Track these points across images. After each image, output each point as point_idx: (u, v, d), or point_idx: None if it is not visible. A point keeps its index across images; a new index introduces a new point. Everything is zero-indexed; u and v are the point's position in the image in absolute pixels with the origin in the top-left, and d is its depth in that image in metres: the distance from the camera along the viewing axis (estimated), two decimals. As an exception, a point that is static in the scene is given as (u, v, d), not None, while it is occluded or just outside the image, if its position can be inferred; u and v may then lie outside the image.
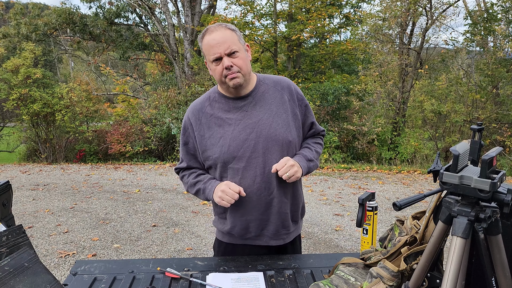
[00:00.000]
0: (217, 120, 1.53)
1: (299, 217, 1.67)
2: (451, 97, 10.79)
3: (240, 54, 1.45)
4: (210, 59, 1.44)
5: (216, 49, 1.41)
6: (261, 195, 1.50)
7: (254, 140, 1.49)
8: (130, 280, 1.39)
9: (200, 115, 1.55)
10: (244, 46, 1.49)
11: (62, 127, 11.25)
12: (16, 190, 6.62)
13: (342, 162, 9.43)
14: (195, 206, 5.52)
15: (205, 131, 1.53)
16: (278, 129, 1.51)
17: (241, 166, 1.49)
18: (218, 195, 1.46)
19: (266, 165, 1.49)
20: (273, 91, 1.56)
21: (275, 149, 1.50)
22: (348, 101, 10.76)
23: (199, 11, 13.31)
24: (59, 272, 3.46)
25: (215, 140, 1.51)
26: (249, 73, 1.51)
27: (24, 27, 14.01)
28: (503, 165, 8.52)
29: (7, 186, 1.26)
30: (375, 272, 1.18)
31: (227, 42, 1.41)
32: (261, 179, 1.49)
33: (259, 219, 1.54)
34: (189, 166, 1.63)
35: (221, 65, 1.43)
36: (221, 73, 1.44)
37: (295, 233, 1.66)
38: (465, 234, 0.89)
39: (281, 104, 1.54)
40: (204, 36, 1.46)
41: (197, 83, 10.78)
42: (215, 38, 1.42)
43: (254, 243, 1.59)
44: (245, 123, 1.50)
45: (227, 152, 1.49)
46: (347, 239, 4.25)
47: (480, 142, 0.98)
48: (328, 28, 12.00)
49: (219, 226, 1.65)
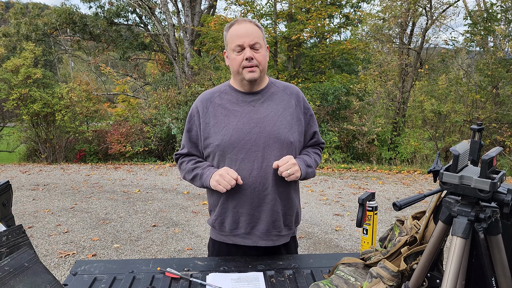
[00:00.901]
0: (224, 110, 1.56)
1: (292, 222, 1.65)
2: (451, 97, 10.79)
3: (262, 50, 1.52)
4: (233, 48, 1.50)
5: (241, 39, 1.47)
6: (256, 189, 1.51)
7: (257, 134, 1.52)
8: (130, 280, 1.39)
9: (208, 104, 1.59)
10: (265, 45, 1.56)
11: (62, 127, 11.24)
12: (16, 190, 6.62)
13: (342, 162, 9.43)
14: (195, 206, 5.52)
15: (211, 119, 1.57)
16: (281, 128, 1.54)
17: (240, 157, 1.51)
18: (215, 179, 1.48)
19: (264, 160, 1.51)
20: (282, 94, 1.62)
21: (276, 146, 1.52)
22: (348, 101, 10.76)
23: (199, 11, 13.32)
24: (59, 272, 3.46)
25: (218, 128, 1.54)
26: (265, 71, 1.57)
27: (24, 26, 14.01)
28: (503, 165, 8.52)
29: (7, 186, 1.26)
30: (375, 272, 1.18)
31: (253, 35, 1.48)
32: (257, 173, 1.51)
33: (250, 214, 1.55)
34: (190, 152, 1.66)
35: (242, 55, 1.49)
36: (240, 63, 1.49)
37: (286, 238, 1.65)
38: (465, 234, 0.89)
39: (287, 107, 1.59)
40: (232, 26, 1.52)
41: (197, 83, 10.78)
42: (243, 29, 1.49)
43: (244, 243, 1.59)
44: (250, 117, 1.54)
45: (228, 141, 1.51)
46: (347, 239, 4.25)
47: (480, 142, 0.98)
48: (328, 28, 12.00)
49: (211, 220, 1.65)
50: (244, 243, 1.59)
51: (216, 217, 1.61)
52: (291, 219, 1.64)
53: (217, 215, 1.61)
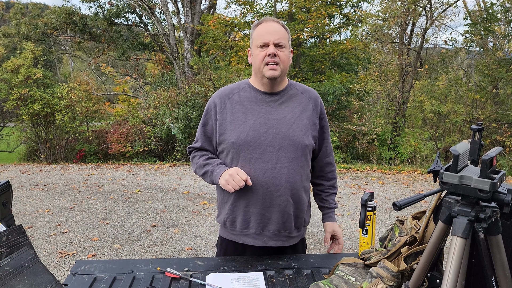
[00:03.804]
0: (241, 108, 1.56)
1: (302, 224, 1.67)
2: (451, 97, 10.79)
3: (286, 50, 1.53)
4: (258, 44, 1.51)
5: (267, 36, 1.49)
6: (268, 190, 1.52)
7: (272, 135, 1.52)
8: (130, 280, 1.39)
9: (226, 100, 1.59)
10: (290, 48, 1.56)
11: (62, 127, 11.23)
12: (16, 190, 6.62)
13: (342, 162, 9.43)
14: (195, 206, 5.52)
15: (228, 115, 1.56)
16: (297, 131, 1.55)
17: (254, 156, 1.52)
18: (225, 178, 1.48)
19: (278, 162, 1.52)
20: (301, 96, 1.62)
21: (290, 149, 1.53)
22: (348, 101, 10.76)
23: (199, 11, 13.32)
24: (59, 272, 3.46)
25: (235, 126, 1.54)
26: (286, 72, 1.57)
27: (24, 27, 14.01)
28: (503, 165, 8.52)
29: (7, 186, 1.27)
30: (375, 272, 1.18)
31: (279, 34, 1.50)
32: (271, 173, 1.51)
33: (261, 214, 1.55)
34: (203, 147, 1.66)
35: (265, 52, 1.49)
36: (262, 59, 1.50)
37: (296, 239, 1.66)
38: (465, 234, 0.89)
39: (305, 110, 1.60)
40: (260, 23, 1.54)
41: (197, 83, 10.76)
42: (270, 27, 1.51)
43: (254, 243, 1.59)
44: (268, 117, 1.54)
45: (244, 139, 1.52)
46: (347, 239, 4.25)
47: (480, 142, 0.98)
48: (328, 28, 11.99)
49: (222, 218, 1.65)
50: (254, 243, 1.59)
51: (227, 215, 1.61)
52: (301, 221, 1.65)
53: (228, 213, 1.61)
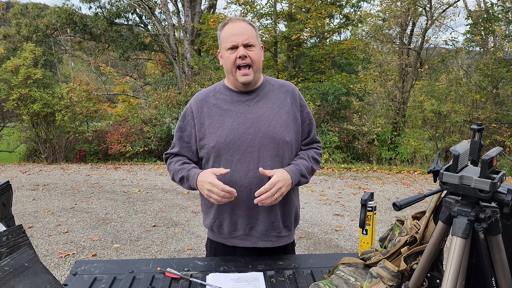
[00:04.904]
0: (218, 110, 1.55)
1: (292, 223, 1.64)
2: (451, 97, 10.78)
3: (256, 49, 1.50)
4: (226, 47, 1.48)
5: (234, 38, 1.46)
6: (252, 190, 1.48)
7: (252, 134, 1.50)
8: (130, 280, 1.39)
9: (203, 104, 1.57)
10: (260, 44, 1.54)
11: (62, 127, 11.23)
12: (16, 190, 6.62)
13: (342, 162, 9.43)
14: (195, 206, 5.52)
15: (205, 119, 1.55)
16: (276, 127, 1.52)
17: (235, 158, 1.50)
18: (207, 188, 1.42)
19: (260, 161, 1.50)
20: (277, 92, 1.60)
21: (271, 146, 1.51)
22: (348, 101, 10.76)
23: (199, 11, 13.32)
24: (59, 272, 3.46)
25: (213, 129, 1.53)
26: (259, 70, 1.55)
27: (24, 28, 14.01)
28: (503, 165, 8.52)
29: (7, 186, 1.27)
30: (375, 272, 1.18)
31: (247, 34, 1.47)
32: (253, 174, 1.50)
33: (248, 215, 1.54)
34: (180, 153, 1.61)
35: (235, 54, 1.47)
36: (233, 62, 1.48)
37: (287, 239, 1.64)
38: (465, 234, 0.89)
39: (283, 105, 1.57)
40: (225, 25, 1.51)
41: (197, 83, 10.77)
42: (236, 28, 1.48)
43: (243, 244, 1.58)
44: (245, 117, 1.52)
45: (224, 142, 1.50)
46: (347, 239, 4.25)
47: (480, 142, 0.98)
48: (328, 28, 12.00)
49: (209, 222, 1.63)
50: (244, 244, 1.58)
51: (213, 220, 1.60)
52: (290, 220, 1.62)
53: (214, 218, 1.59)
